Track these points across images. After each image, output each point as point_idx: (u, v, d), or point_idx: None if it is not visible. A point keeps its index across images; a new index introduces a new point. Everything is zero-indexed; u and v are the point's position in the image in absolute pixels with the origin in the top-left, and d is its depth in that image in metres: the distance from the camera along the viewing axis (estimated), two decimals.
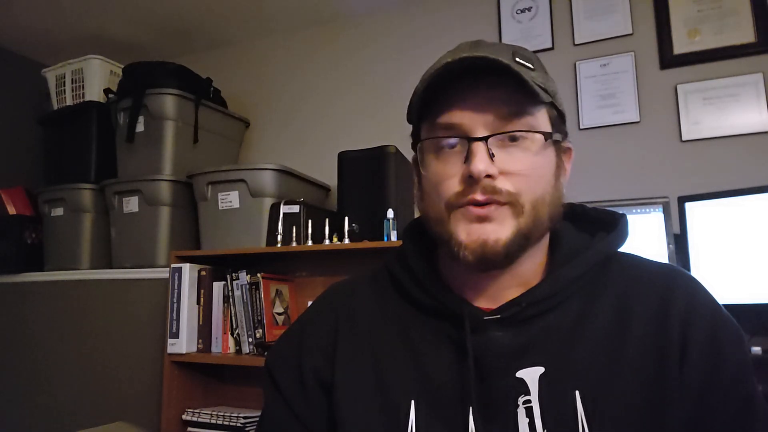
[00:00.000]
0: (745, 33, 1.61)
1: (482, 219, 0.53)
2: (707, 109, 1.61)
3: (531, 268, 0.58)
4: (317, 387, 0.61)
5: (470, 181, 0.52)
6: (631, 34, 1.75)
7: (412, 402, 0.55)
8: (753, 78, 1.58)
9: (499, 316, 0.55)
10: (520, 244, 0.53)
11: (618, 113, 1.72)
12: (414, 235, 0.66)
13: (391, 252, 0.67)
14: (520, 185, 0.53)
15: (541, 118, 0.56)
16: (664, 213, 1.38)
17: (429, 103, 0.56)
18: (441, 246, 0.58)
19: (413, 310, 0.61)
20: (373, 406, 0.57)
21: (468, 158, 0.52)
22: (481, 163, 0.51)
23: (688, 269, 1.34)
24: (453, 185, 0.54)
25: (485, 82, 0.53)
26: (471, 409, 0.54)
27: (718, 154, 1.59)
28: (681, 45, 1.68)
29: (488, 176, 0.52)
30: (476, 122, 0.53)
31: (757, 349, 1.25)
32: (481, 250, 0.52)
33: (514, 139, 0.53)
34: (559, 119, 0.58)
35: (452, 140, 0.54)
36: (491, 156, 0.52)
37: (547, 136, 0.55)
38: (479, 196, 0.52)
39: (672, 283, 0.57)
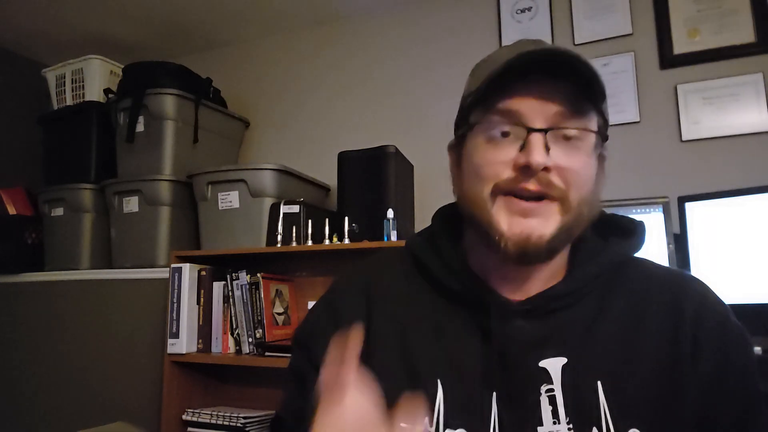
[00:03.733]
0: (745, 33, 1.61)
1: (527, 213, 0.53)
2: (707, 109, 1.61)
3: (557, 263, 0.60)
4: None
5: (525, 170, 0.52)
6: (631, 34, 1.75)
7: (439, 381, 0.57)
8: (753, 78, 1.58)
9: (527, 307, 0.57)
10: (562, 240, 0.55)
11: (618, 113, 1.71)
12: (444, 219, 0.66)
13: (416, 235, 0.68)
14: (570, 181, 0.54)
15: (594, 122, 0.56)
16: (664, 213, 1.38)
17: (487, 89, 0.55)
18: (476, 232, 0.58)
19: (438, 294, 0.62)
20: (402, 382, 0.58)
21: (525, 148, 0.52)
22: (539, 155, 0.51)
23: (688, 269, 1.34)
24: (503, 171, 0.54)
25: (549, 77, 0.53)
26: (495, 394, 0.55)
27: (718, 154, 1.59)
28: (681, 45, 1.68)
29: (544, 169, 0.52)
30: (537, 113, 0.53)
31: (757, 349, 1.25)
32: (524, 243, 0.53)
33: (568, 136, 0.54)
34: (604, 127, 0.59)
35: (508, 128, 0.54)
36: (547, 149, 0.52)
37: (603, 138, 0.57)
38: (532, 186, 0.53)
39: (684, 285, 0.60)
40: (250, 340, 1.61)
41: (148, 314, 1.81)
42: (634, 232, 0.63)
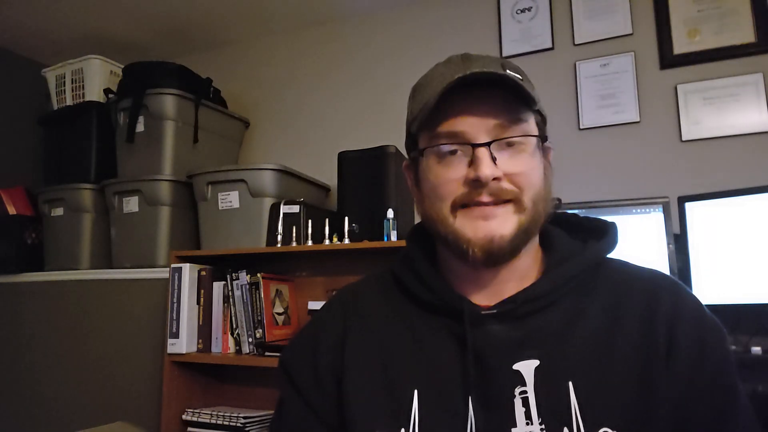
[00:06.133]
0: (745, 33, 1.61)
1: (487, 216, 0.57)
2: (707, 109, 1.61)
3: (527, 263, 0.62)
4: (333, 382, 0.64)
5: (476, 184, 0.56)
6: (631, 34, 1.75)
7: (415, 391, 0.59)
8: (753, 78, 1.58)
9: (496, 311, 0.59)
10: (522, 238, 0.58)
11: (618, 113, 1.72)
12: (417, 237, 0.70)
13: (397, 256, 0.71)
14: (521, 184, 0.57)
15: (532, 123, 0.60)
16: (664, 213, 1.38)
17: (428, 116, 0.59)
18: (444, 245, 0.61)
19: (416, 307, 0.65)
20: (379, 394, 0.60)
21: (473, 163, 0.56)
22: (487, 168, 0.55)
23: (688, 269, 1.34)
24: (457, 187, 0.58)
25: (482, 92, 0.57)
26: (470, 398, 0.57)
27: (718, 154, 1.59)
28: (681, 45, 1.68)
29: (494, 179, 0.56)
30: (478, 129, 0.57)
31: (757, 349, 1.25)
32: (488, 246, 0.56)
33: (511, 143, 0.58)
34: (542, 123, 0.63)
35: (455, 147, 0.58)
36: (494, 160, 0.56)
37: (543, 139, 0.61)
38: (485, 198, 0.56)
39: (658, 286, 0.60)
40: (250, 340, 1.61)
41: (148, 314, 1.80)
42: (607, 233, 0.64)
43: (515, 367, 0.56)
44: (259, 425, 1.57)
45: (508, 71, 0.57)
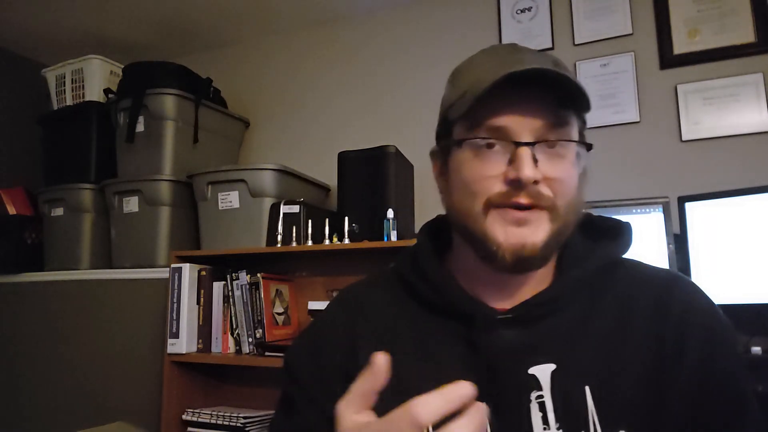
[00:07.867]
0: (745, 33, 1.61)
1: (521, 222, 0.54)
2: (707, 109, 1.61)
3: (545, 268, 0.60)
4: (341, 383, 0.61)
5: (515, 184, 0.53)
6: (631, 34, 1.75)
7: None
8: (753, 78, 1.58)
9: (510, 315, 0.57)
10: (553, 246, 0.56)
11: (618, 113, 1.72)
12: (429, 234, 0.67)
13: (402, 254, 0.69)
14: (558, 191, 0.55)
15: (575, 128, 0.58)
16: (664, 213, 1.38)
17: (472, 107, 0.56)
18: (469, 243, 0.59)
19: (424, 310, 0.62)
20: (389, 401, 0.58)
21: (514, 162, 0.53)
22: (529, 170, 0.53)
23: (688, 269, 1.34)
24: (494, 185, 0.55)
25: (530, 89, 0.54)
26: (484, 404, 0.55)
27: (718, 154, 1.59)
28: (681, 45, 1.68)
29: (533, 182, 0.53)
30: (523, 127, 0.54)
31: (757, 349, 1.25)
32: (519, 252, 0.54)
33: (553, 147, 0.55)
34: (583, 127, 0.61)
35: (496, 142, 0.55)
36: (535, 162, 0.54)
37: (588, 146, 0.59)
38: (524, 200, 0.54)
39: (671, 286, 0.59)
40: (250, 340, 1.61)
41: (148, 314, 1.81)
42: (621, 233, 0.63)
43: (531, 371, 0.55)
44: (259, 425, 1.57)
45: (561, 70, 0.55)
